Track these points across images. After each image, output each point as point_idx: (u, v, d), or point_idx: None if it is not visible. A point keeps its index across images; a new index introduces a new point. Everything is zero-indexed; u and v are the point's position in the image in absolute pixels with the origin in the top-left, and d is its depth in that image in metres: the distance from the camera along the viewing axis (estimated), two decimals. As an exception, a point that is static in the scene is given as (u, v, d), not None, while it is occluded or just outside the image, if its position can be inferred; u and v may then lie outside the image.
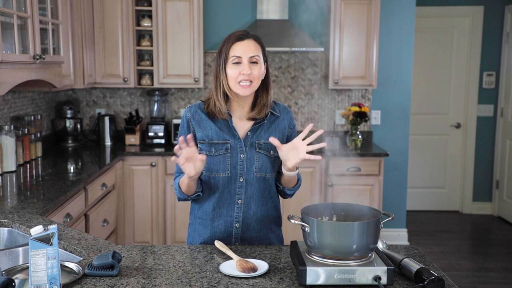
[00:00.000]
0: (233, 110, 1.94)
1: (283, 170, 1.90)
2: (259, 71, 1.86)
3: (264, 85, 1.93)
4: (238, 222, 1.94)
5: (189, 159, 1.75)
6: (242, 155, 1.91)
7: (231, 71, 1.85)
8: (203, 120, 1.93)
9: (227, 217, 1.94)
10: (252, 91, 1.88)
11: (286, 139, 1.98)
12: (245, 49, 1.85)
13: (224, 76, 1.87)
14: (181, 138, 1.72)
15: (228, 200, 1.93)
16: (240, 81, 1.84)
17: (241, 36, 1.87)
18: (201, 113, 1.94)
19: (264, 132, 1.94)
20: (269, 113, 1.95)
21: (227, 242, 1.93)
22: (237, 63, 1.85)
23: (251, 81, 1.85)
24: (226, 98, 1.91)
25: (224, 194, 1.93)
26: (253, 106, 1.94)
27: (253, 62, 1.86)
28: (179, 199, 1.97)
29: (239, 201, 1.93)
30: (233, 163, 1.91)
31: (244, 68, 1.83)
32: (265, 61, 1.92)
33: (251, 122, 1.94)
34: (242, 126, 1.94)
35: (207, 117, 1.93)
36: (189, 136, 1.75)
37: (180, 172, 1.97)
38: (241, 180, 1.92)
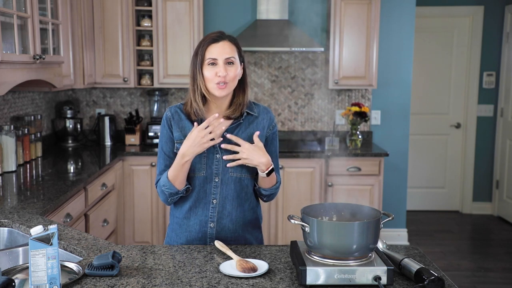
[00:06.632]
0: (210, 111, 1.95)
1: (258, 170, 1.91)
2: (235, 71, 1.88)
3: (241, 84, 1.96)
4: (212, 222, 1.94)
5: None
6: (217, 155, 1.92)
7: (208, 72, 1.87)
8: (182, 120, 1.96)
9: (202, 216, 1.95)
10: (228, 92, 1.90)
11: (266, 139, 1.99)
12: (220, 51, 1.87)
13: (201, 77, 1.89)
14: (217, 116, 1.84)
15: (204, 200, 1.94)
16: (217, 83, 1.86)
17: (216, 38, 1.89)
18: (180, 113, 1.97)
19: (242, 133, 1.94)
20: (246, 113, 1.96)
21: (202, 242, 1.95)
22: (212, 64, 1.87)
23: (226, 82, 1.87)
24: (204, 99, 1.93)
25: (200, 194, 1.94)
26: (230, 106, 1.96)
27: (228, 63, 1.88)
28: (170, 195, 1.91)
29: (214, 201, 1.94)
30: (209, 163, 1.92)
31: (220, 70, 1.85)
32: (242, 61, 1.94)
33: (229, 122, 1.95)
34: (219, 126, 1.92)
35: (186, 117, 1.96)
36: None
37: (161, 174, 1.96)
38: (216, 180, 1.93)
